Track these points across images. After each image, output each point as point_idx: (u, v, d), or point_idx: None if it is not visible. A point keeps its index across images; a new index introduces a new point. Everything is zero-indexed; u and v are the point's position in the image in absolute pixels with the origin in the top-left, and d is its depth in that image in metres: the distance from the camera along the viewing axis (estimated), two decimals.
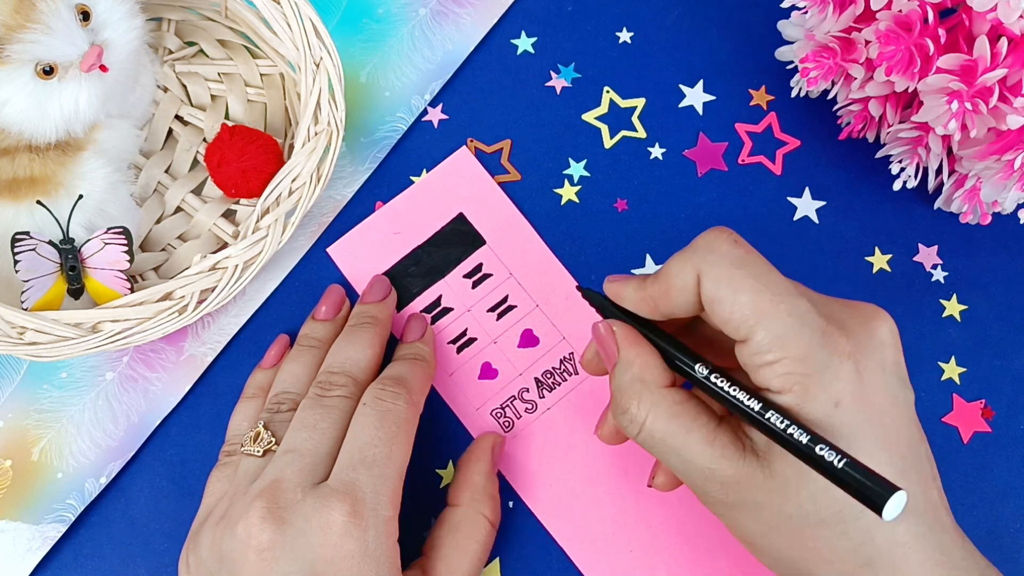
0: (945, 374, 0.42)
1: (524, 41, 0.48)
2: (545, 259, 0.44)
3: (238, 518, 0.33)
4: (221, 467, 0.38)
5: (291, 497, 0.33)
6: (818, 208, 0.45)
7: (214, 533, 0.34)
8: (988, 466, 0.41)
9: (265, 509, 0.33)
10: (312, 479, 0.34)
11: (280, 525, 0.33)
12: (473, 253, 0.44)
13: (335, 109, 0.40)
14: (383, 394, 0.36)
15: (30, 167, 0.40)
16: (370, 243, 0.44)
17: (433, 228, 0.44)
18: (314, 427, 0.35)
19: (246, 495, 0.34)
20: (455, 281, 0.44)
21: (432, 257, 0.44)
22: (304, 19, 0.40)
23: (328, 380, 0.37)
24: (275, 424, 0.37)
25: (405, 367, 0.39)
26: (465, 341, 0.43)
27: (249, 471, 0.36)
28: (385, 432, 0.35)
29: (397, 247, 0.44)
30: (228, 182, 0.42)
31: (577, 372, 0.42)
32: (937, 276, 0.44)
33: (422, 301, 0.43)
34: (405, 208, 0.45)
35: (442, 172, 0.45)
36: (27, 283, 0.38)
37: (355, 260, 0.44)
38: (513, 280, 0.44)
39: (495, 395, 0.42)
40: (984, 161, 0.38)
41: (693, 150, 0.46)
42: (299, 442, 0.35)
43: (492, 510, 0.39)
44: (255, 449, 0.36)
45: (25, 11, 0.36)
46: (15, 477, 0.41)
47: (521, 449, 0.42)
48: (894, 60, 0.36)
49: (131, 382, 0.43)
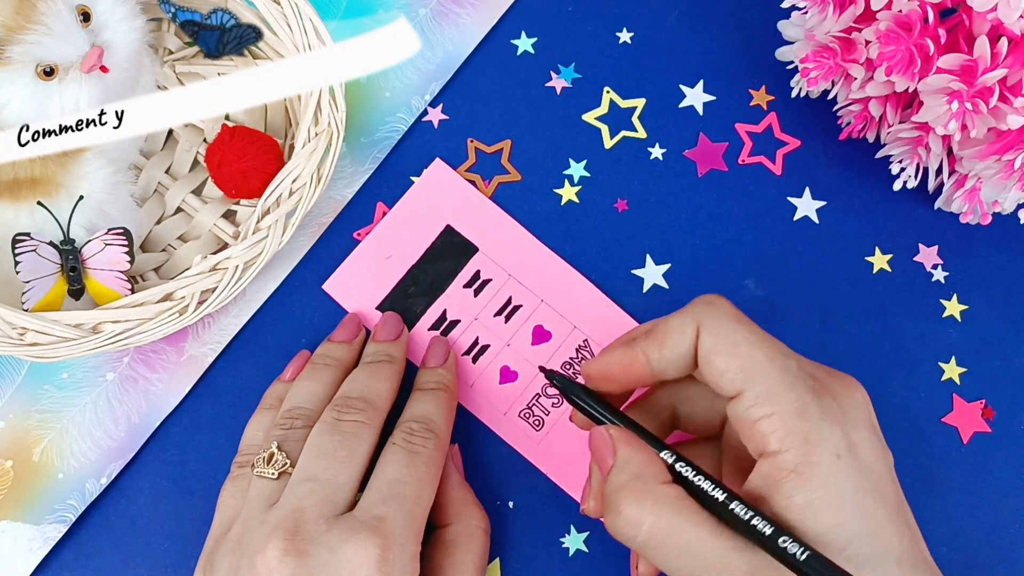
0: (945, 374, 0.42)
1: (524, 41, 0.48)
2: (540, 253, 0.44)
3: (257, 550, 0.32)
4: (234, 480, 0.37)
5: (314, 528, 0.32)
6: (818, 208, 0.45)
7: (230, 560, 0.33)
8: (988, 466, 0.41)
9: (287, 541, 0.32)
10: (333, 510, 0.33)
11: (302, 558, 0.32)
12: (468, 262, 0.44)
13: (335, 110, 0.40)
14: (413, 438, 0.36)
15: (31, 168, 0.40)
16: (364, 273, 0.44)
17: (423, 245, 0.44)
18: (332, 455, 0.35)
19: (263, 524, 0.33)
20: (456, 293, 0.44)
21: (428, 274, 0.44)
22: (304, 19, 0.40)
23: (345, 403, 0.37)
24: (289, 443, 0.36)
25: (431, 404, 0.38)
26: (479, 350, 0.43)
27: (263, 495, 0.35)
28: (416, 472, 0.35)
29: (392, 271, 0.44)
30: (228, 183, 0.42)
31: (595, 355, 0.42)
32: (937, 276, 0.44)
33: (428, 319, 0.43)
34: (391, 231, 0.44)
35: (421, 188, 0.45)
36: (28, 284, 0.38)
37: (352, 292, 0.44)
38: (513, 280, 0.44)
39: (519, 397, 0.42)
40: (984, 161, 0.38)
41: (693, 150, 0.46)
42: (318, 470, 0.34)
43: (480, 517, 0.39)
44: (269, 472, 0.35)
45: (26, 12, 0.36)
46: (16, 477, 0.41)
47: (558, 443, 0.42)
48: (894, 60, 0.36)
49: (132, 382, 0.43)
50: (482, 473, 0.41)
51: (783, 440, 0.30)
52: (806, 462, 0.30)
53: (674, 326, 0.33)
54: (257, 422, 0.40)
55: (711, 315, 0.33)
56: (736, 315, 0.33)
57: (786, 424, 0.30)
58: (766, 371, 0.31)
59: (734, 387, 0.32)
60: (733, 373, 0.32)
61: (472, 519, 0.38)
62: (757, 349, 0.32)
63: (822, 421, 0.30)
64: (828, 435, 0.30)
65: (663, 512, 0.30)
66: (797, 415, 0.30)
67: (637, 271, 0.44)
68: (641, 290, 0.44)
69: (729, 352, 0.32)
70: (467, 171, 0.45)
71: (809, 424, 0.30)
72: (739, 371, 0.31)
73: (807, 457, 0.30)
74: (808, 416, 0.30)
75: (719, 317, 0.33)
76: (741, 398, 0.31)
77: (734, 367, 0.32)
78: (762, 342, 0.32)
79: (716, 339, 0.32)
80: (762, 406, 0.31)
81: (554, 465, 0.41)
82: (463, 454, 0.42)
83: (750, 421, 0.31)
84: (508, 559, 0.40)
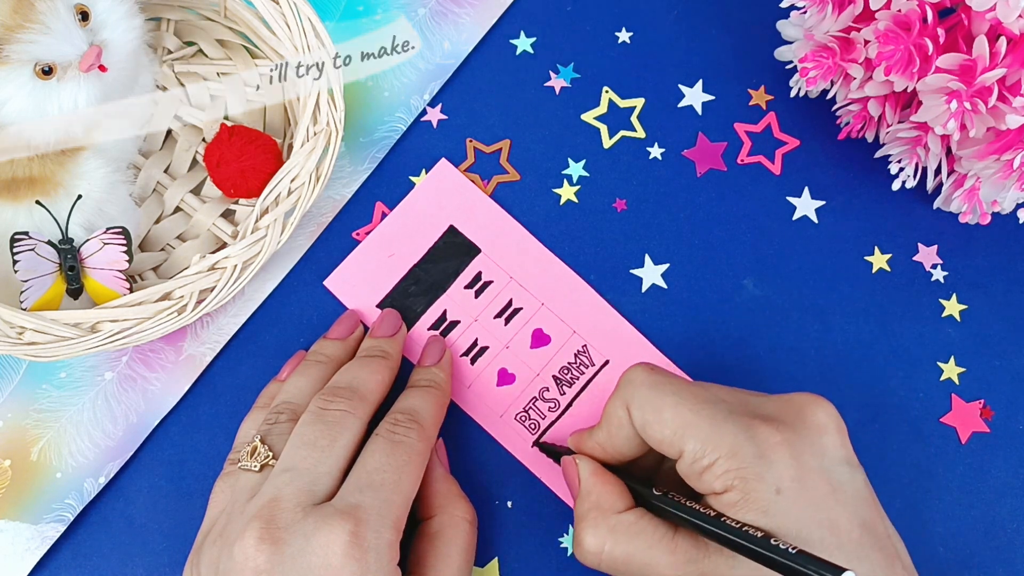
0: (944, 374, 0.42)
1: (523, 41, 0.48)
2: (542, 257, 0.44)
3: (235, 539, 0.33)
4: (225, 477, 0.38)
5: (289, 517, 0.33)
6: (817, 208, 0.45)
7: (211, 552, 0.34)
8: (986, 467, 0.41)
9: (262, 529, 0.32)
10: (311, 499, 0.33)
11: (277, 545, 0.32)
12: (470, 263, 0.44)
13: (334, 109, 0.40)
14: (396, 428, 0.36)
15: (29, 167, 0.40)
16: (365, 270, 0.44)
17: (426, 245, 0.44)
18: (313, 444, 0.35)
19: (243, 514, 0.34)
20: (457, 293, 0.44)
21: (430, 274, 0.44)
22: (303, 19, 0.40)
23: (332, 393, 0.37)
24: (272, 437, 0.36)
25: (419, 398, 0.38)
26: (478, 351, 0.43)
27: (247, 487, 0.35)
28: (396, 460, 0.35)
29: (393, 269, 0.44)
30: (227, 182, 0.42)
31: (593, 363, 0.42)
32: (937, 276, 0.44)
33: (427, 319, 0.43)
34: (394, 229, 0.44)
35: (426, 188, 0.45)
36: (26, 283, 0.38)
37: (353, 289, 0.44)
38: (514, 283, 0.44)
39: (516, 400, 0.42)
40: (983, 161, 0.38)
41: (692, 150, 0.46)
42: (298, 460, 0.34)
43: (465, 508, 0.38)
44: (252, 464, 0.36)
45: (24, 11, 0.36)
46: (14, 477, 0.41)
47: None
48: (893, 60, 0.36)
49: (130, 382, 0.43)
50: (480, 472, 0.41)
51: (726, 482, 0.32)
52: (744, 500, 0.31)
53: (610, 412, 0.35)
54: (252, 420, 0.40)
55: (631, 391, 0.35)
56: (654, 382, 0.34)
57: (724, 467, 0.32)
58: (696, 425, 0.33)
59: (674, 450, 0.33)
60: (668, 439, 0.33)
61: (457, 510, 0.38)
62: (682, 407, 0.33)
63: (758, 458, 0.32)
64: (765, 472, 0.31)
65: (619, 538, 0.33)
66: (732, 458, 0.32)
67: (636, 271, 0.44)
68: (640, 290, 0.44)
69: (657, 421, 0.33)
70: (466, 171, 0.45)
71: (743, 463, 0.32)
72: (672, 435, 0.33)
73: (746, 496, 0.31)
74: (742, 456, 0.32)
75: (638, 389, 0.34)
76: (683, 458, 0.33)
77: (667, 434, 0.33)
78: (686, 399, 0.33)
79: (643, 413, 0.34)
80: (702, 458, 0.32)
81: (549, 470, 0.41)
82: (461, 454, 0.41)
83: (696, 475, 0.33)
84: (506, 558, 0.40)
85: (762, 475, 0.31)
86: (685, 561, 0.32)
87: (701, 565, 0.32)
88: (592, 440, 0.36)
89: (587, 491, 0.35)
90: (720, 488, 0.32)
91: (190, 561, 0.35)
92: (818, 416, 0.34)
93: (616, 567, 0.33)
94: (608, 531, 0.33)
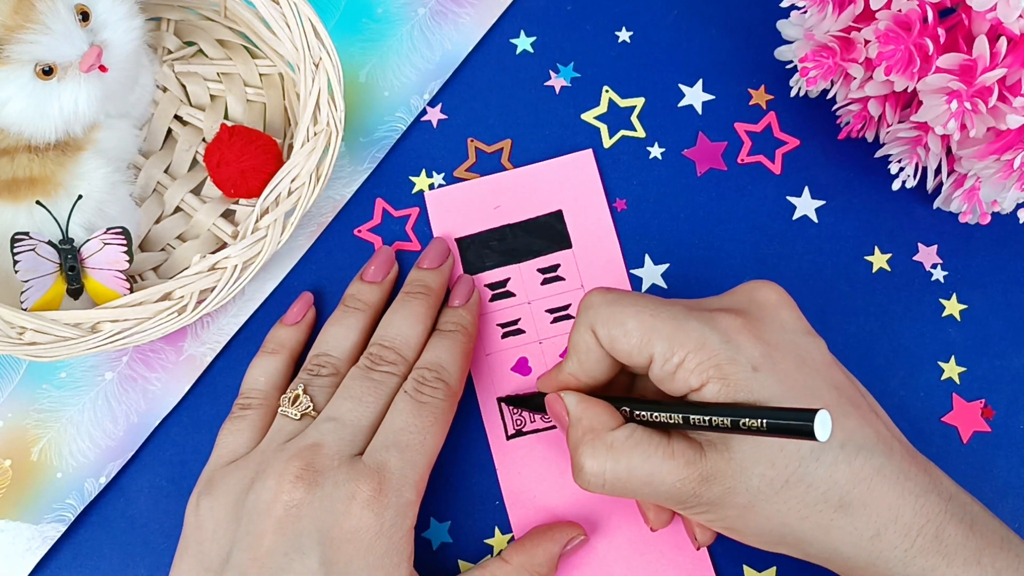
0: (945, 374, 0.42)
1: (523, 40, 0.48)
2: (621, 284, 0.44)
3: (272, 472, 0.35)
4: (234, 419, 0.39)
5: (328, 463, 0.35)
6: (817, 207, 0.45)
7: (231, 480, 0.36)
8: (988, 466, 0.41)
9: (302, 469, 0.34)
10: (350, 450, 0.36)
11: (312, 487, 0.34)
12: (556, 252, 0.44)
13: (334, 109, 0.40)
14: (423, 387, 0.38)
15: (29, 167, 0.40)
16: (467, 202, 0.45)
17: (529, 214, 0.44)
18: (359, 399, 0.37)
19: (283, 451, 0.36)
20: (528, 271, 0.44)
21: (517, 239, 0.44)
22: (303, 19, 0.40)
23: (380, 355, 0.39)
24: (313, 388, 0.38)
25: (446, 350, 0.39)
26: (513, 330, 0.43)
27: (284, 431, 0.37)
28: (422, 421, 0.37)
29: (489, 217, 0.44)
30: (227, 182, 0.42)
31: None
32: (937, 275, 0.44)
33: (489, 276, 0.44)
34: (511, 185, 0.45)
35: (559, 165, 0.45)
36: (26, 283, 0.38)
37: (446, 211, 0.44)
38: (583, 292, 0.43)
39: (517, 390, 0.42)
40: (983, 161, 0.38)
41: (692, 150, 0.46)
42: (343, 412, 0.37)
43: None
44: (292, 412, 0.38)
45: (24, 11, 0.36)
46: (14, 477, 0.41)
47: (521, 452, 0.41)
48: (893, 60, 0.36)
49: (130, 382, 0.43)
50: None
51: (701, 376, 0.32)
52: (725, 386, 0.32)
53: (576, 340, 0.35)
54: (260, 366, 0.41)
55: (593, 313, 0.35)
56: (612, 299, 0.35)
57: (696, 360, 0.32)
58: (658, 329, 0.33)
59: (644, 357, 0.33)
60: (636, 347, 0.33)
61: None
62: (644, 315, 0.33)
63: (725, 344, 0.32)
64: (736, 354, 0.32)
65: (619, 456, 0.33)
66: (700, 349, 0.32)
67: (636, 271, 0.44)
68: (640, 290, 0.44)
69: (623, 334, 0.34)
70: (467, 171, 0.45)
71: (713, 352, 0.32)
72: (639, 342, 0.33)
73: (725, 382, 0.32)
74: (711, 346, 0.32)
75: (599, 309, 0.34)
76: (653, 362, 0.33)
77: (633, 343, 0.33)
78: (646, 306, 0.34)
79: (608, 329, 0.34)
80: (671, 358, 0.33)
81: (509, 472, 0.41)
82: (460, 445, 0.42)
83: (669, 376, 0.33)
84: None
85: (734, 358, 0.32)
86: (684, 463, 0.32)
87: (700, 466, 0.32)
88: (563, 373, 0.37)
89: (577, 418, 0.35)
90: (697, 383, 0.32)
91: (198, 492, 0.37)
92: (769, 296, 0.35)
93: (619, 486, 0.33)
94: (606, 450, 0.33)
